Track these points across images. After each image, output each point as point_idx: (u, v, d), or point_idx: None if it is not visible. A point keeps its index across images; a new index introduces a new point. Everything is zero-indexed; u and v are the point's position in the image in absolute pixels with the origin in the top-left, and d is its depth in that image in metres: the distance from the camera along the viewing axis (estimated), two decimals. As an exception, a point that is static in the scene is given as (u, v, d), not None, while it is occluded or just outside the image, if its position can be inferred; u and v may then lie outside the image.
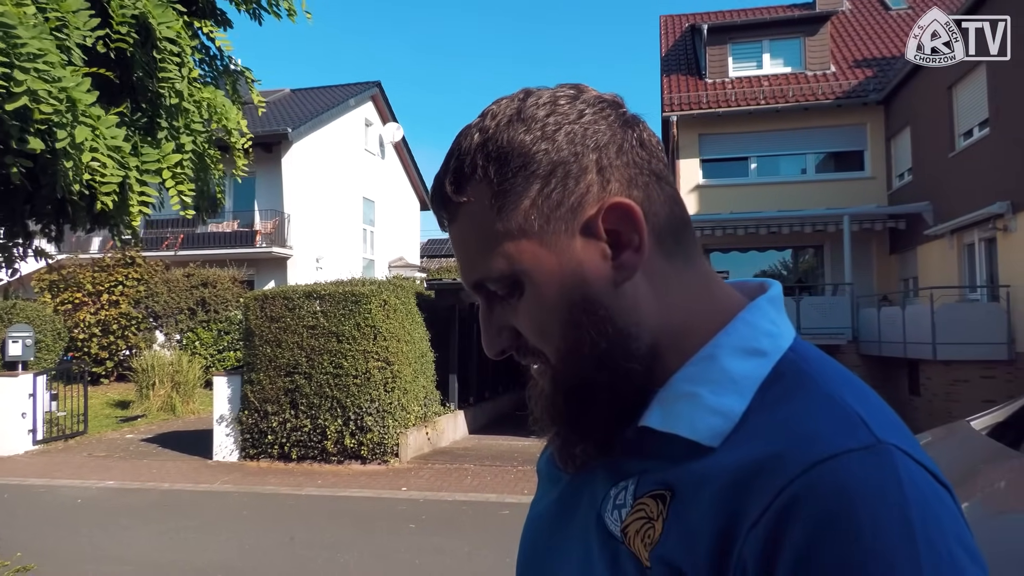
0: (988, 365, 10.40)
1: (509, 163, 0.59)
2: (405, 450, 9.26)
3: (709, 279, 0.64)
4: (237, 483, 8.32)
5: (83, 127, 1.87)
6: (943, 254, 13.05)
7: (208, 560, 5.56)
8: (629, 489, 0.58)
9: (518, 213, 0.59)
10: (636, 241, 0.59)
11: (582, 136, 0.59)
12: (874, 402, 0.55)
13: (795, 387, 0.56)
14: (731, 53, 17.15)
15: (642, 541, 0.55)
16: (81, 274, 16.27)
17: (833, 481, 0.48)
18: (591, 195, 0.59)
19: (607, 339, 0.58)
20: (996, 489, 2.35)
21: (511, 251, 0.59)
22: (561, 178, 0.58)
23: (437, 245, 35.35)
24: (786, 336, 0.60)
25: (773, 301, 0.63)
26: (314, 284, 9.90)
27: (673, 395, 0.58)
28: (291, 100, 22.46)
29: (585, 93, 0.62)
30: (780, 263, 17.04)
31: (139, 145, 2.33)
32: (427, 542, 6.00)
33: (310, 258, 19.66)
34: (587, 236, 0.59)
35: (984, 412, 2.70)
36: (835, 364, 0.60)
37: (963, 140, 12.30)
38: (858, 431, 0.51)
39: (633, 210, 0.58)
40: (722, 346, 0.59)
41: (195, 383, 14.01)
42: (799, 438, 0.51)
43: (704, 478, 0.54)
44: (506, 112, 0.61)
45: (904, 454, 0.50)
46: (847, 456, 0.49)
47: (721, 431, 0.55)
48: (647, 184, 0.60)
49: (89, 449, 10.64)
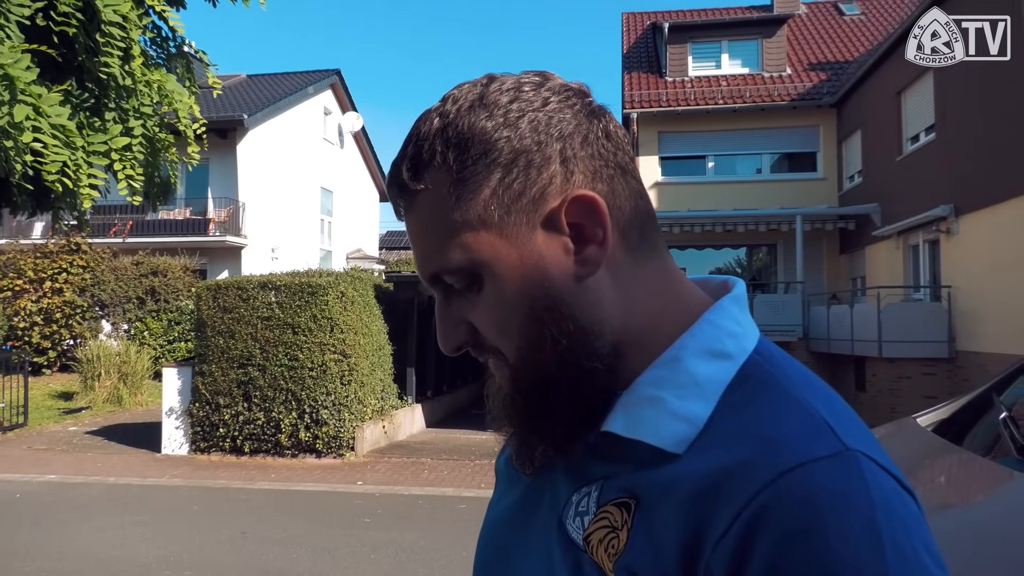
0: (930, 362, 10.80)
1: (469, 150, 0.56)
2: (361, 444, 9.17)
3: (673, 276, 0.62)
4: (187, 477, 8.11)
5: (23, 105, 1.77)
6: (890, 255, 13.48)
7: (154, 555, 5.41)
8: (592, 496, 0.57)
9: (477, 203, 0.56)
10: (600, 235, 0.56)
11: (546, 124, 0.57)
12: (839, 406, 0.55)
13: (760, 390, 0.55)
14: (691, 52, 17.37)
15: (606, 551, 0.54)
16: (22, 260, 15.63)
17: (802, 490, 0.47)
18: (554, 186, 0.56)
19: (568, 336, 0.56)
20: (937, 484, 2.43)
21: (470, 242, 0.57)
22: (523, 167, 0.56)
23: (396, 237, 35.03)
24: (751, 336, 0.59)
25: (737, 300, 0.62)
26: (269, 275, 9.70)
27: (637, 399, 0.57)
28: (248, 85, 21.94)
29: (550, 81, 0.60)
30: (735, 261, 17.38)
31: (84, 126, 2.23)
32: (383, 536, 5.95)
33: (265, 248, 19.27)
34: (549, 229, 0.56)
35: (930, 408, 2.79)
36: (798, 366, 0.59)
37: (910, 144, 12.70)
38: (825, 437, 0.50)
39: (597, 203, 0.56)
40: (687, 348, 0.57)
41: (143, 374, 13.60)
42: (766, 445, 0.50)
43: (670, 486, 0.52)
44: (468, 97, 0.58)
45: (870, 460, 0.50)
46: (815, 464, 0.48)
47: (686, 437, 0.54)
48: (612, 177, 0.58)
49: (29, 442, 10.24)
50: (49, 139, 1.87)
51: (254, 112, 18.58)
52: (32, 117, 1.85)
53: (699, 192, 16.42)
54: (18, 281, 15.40)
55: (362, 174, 26.30)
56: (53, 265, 15.67)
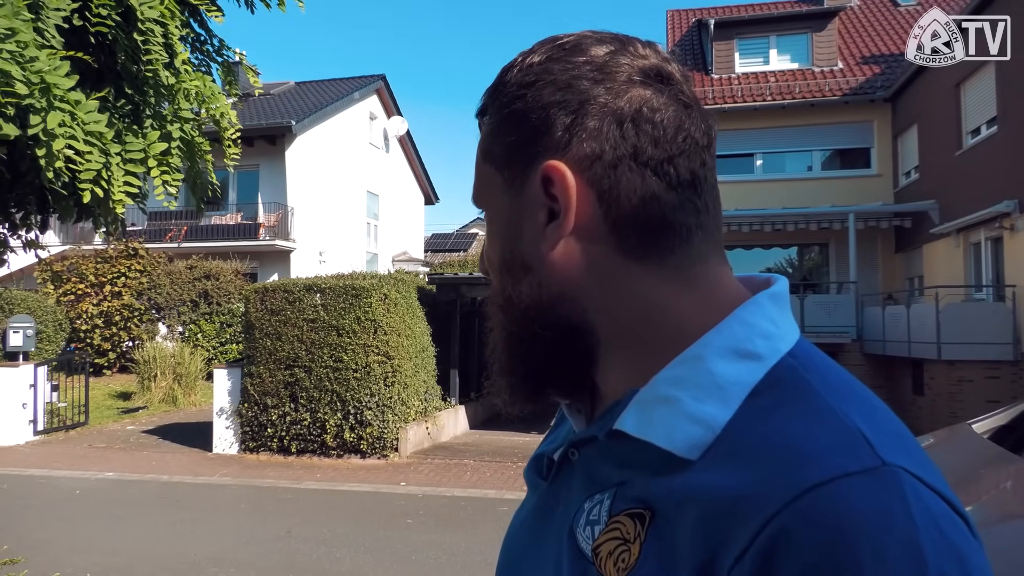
0: (993, 365, 10.32)
1: (498, 99, 0.59)
2: (405, 445, 9.24)
3: (706, 279, 0.56)
4: (236, 476, 8.30)
5: (57, 112, 1.82)
6: (949, 253, 12.95)
7: (202, 553, 5.54)
8: (604, 504, 0.53)
9: (494, 147, 0.59)
10: (561, 215, 0.55)
11: (564, 91, 0.55)
12: (882, 418, 0.49)
13: (790, 397, 0.49)
14: (738, 48, 17.02)
15: (615, 564, 0.50)
16: (84, 265, 16.28)
17: (829, 511, 0.41)
18: (548, 153, 0.55)
19: (527, 298, 0.58)
20: (998, 494, 2.29)
21: (481, 179, 0.61)
22: (529, 126, 0.56)
23: (441, 240, 35.31)
24: (787, 338, 0.54)
25: (775, 298, 0.56)
26: (315, 277, 9.87)
27: (652, 398, 0.53)
28: (295, 93, 22.42)
29: (615, 53, 0.56)
30: (785, 261, 16.95)
31: (123, 133, 2.27)
32: (424, 537, 5.97)
33: (313, 251, 19.64)
34: (532, 192, 0.56)
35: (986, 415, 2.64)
36: (842, 372, 0.53)
37: (970, 138, 12.18)
38: (859, 451, 0.44)
39: (562, 179, 0.54)
40: (710, 346, 0.52)
41: (197, 375, 14.01)
42: (790, 458, 0.45)
43: (685, 499, 0.48)
44: (542, 50, 0.59)
45: (914, 478, 0.43)
46: (845, 480, 0.42)
47: (700, 442, 0.49)
48: (616, 165, 0.53)
49: (90, 440, 10.64)
50: (83, 146, 1.92)
51: (302, 118, 18.96)
52: (67, 123, 1.90)
53: (747, 191, 16.05)
54: (80, 285, 16.04)
55: (407, 177, 26.58)
56: (112, 270, 16.28)
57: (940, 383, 10.86)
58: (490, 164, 0.60)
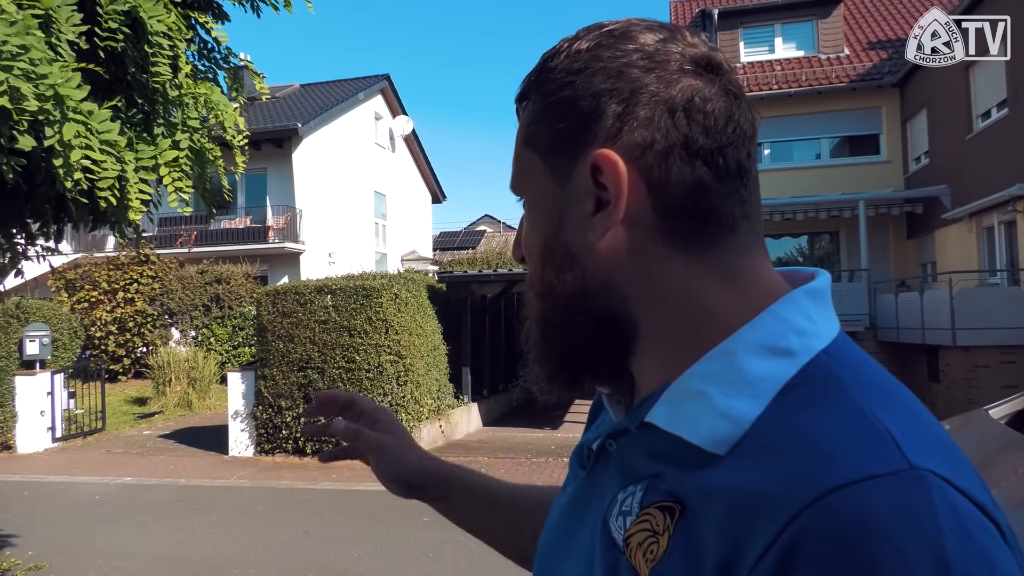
0: (1008, 350, 10.23)
1: (543, 86, 0.59)
2: (419, 443, 9.23)
3: (746, 273, 0.56)
4: (252, 478, 8.37)
5: (71, 123, 1.84)
6: (961, 238, 12.85)
7: (222, 555, 5.59)
8: (636, 496, 0.53)
9: (539, 132, 0.59)
10: (610, 204, 0.54)
11: (615, 79, 0.55)
12: (916, 420, 0.48)
13: (821, 395, 0.49)
14: (742, 38, 16.94)
15: (644, 555, 0.50)
16: (97, 272, 16.41)
17: (849, 513, 0.41)
18: (597, 141, 0.55)
19: (566, 286, 0.58)
20: (1016, 479, 2.28)
21: (521, 164, 0.61)
22: (577, 113, 0.56)
23: (449, 238, 35.35)
24: (823, 335, 0.53)
25: (813, 294, 0.55)
26: (325, 279, 9.91)
27: (683, 392, 0.53)
28: (301, 95, 22.48)
29: (665, 41, 0.56)
30: (796, 250, 16.87)
31: (134, 141, 2.30)
32: (441, 535, 5.99)
33: (323, 253, 19.71)
34: (580, 180, 0.56)
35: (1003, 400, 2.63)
36: (878, 371, 0.52)
37: (981, 121, 12.07)
38: (886, 453, 0.43)
39: (615, 168, 0.53)
40: (743, 341, 0.52)
41: (211, 379, 14.11)
42: (814, 458, 0.44)
43: (712, 495, 0.48)
44: (590, 37, 0.58)
45: (943, 481, 0.42)
46: (869, 483, 0.42)
47: (727, 437, 0.49)
48: (667, 154, 0.53)
49: (107, 446, 10.75)
50: (99, 155, 1.94)
51: (307, 120, 19.02)
52: (82, 134, 1.92)
53: (755, 181, 15.97)
54: (94, 292, 16.18)
55: (414, 176, 26.62)
56: (125, 276, 16.40)
57: (956, 369, 10.79)
58: (533, 151, 0.59)
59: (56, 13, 1.84)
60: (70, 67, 1.94)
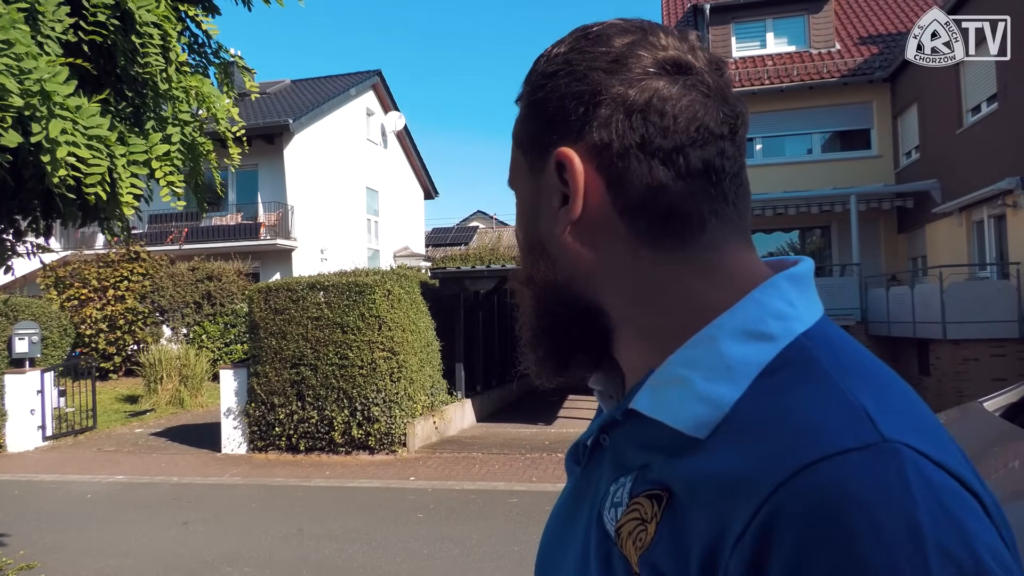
0: (998, 343, 10.30)
1: (527, 87, 0.62)
2: (413, 440, 9.26)
3: (723, 264, 0.56)
4: (246, 475, 8.33)
5: (58, 120, 1.81)
6: (952, 232, 12.91)
7: (215, 553, 5.57)
8: (626, 487, 0.55)
9: (523, 131, 0.62)
10: (570, 201, 0.58)
11: (579, 82, 0.57)
12: (895, 396, 0.49)
13: (800, 377, 0.49)
14: (734, 33, 16.94)
15: (633, 544, 0.51)
16: (86, 270, 16.29)
17: (822, 487, 0.42)
18: (564, 140, 0.58)
19: (543, 275, 0.61)
20: (1010, 470, 2.29)
21: (513, 158, 0.65)
22: (548, 114, 0.59)
23: (442, 234, 35.28)
24: (803, 319, 0.54)
25: (795, 279, 0.56)
26: (318, 275, 9.87)
27: (665, 378, 0.54)
28: (292, 91, 22.35)
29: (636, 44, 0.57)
30: (787, 245, 16.91)
31: (125, 135, 2.27)
32: (435, 531, 5.99)
33: (314, 249, 19.63)
34: (550, 177, 0.59)
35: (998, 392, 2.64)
36: (859, 352, 0.53)
37: (971, 116, 12.13)
38: (859, 428, 0.44)
39: (570, 166, 0.56)
40: (723, 327, 0.53)
41: (203, 376, 14.04)
42: (789, 437, 0.45)
43: (696, 479, 0.49)
44: (569, 40, 0.61)
45: (917, 454, 0.43)
46: (841, 458, 0.43)
47: (707, 421, 0.50)
48: (625, 155, 0.55)
49: (99, 444, 10.68)
50: (85, 152, 1.91)
51: (299, 116, 18.91)
52: (69, 131, 1.89)
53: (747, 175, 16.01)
54: (83, 290, 16.05)
55: (406, 173, 26.54)
56: (115, 274, 16.29)
57: (946, 362, 10.85)
58: (518, 149, 0.64)
59: (42, 7, 1.81)
60: (57, 62, 1.92)
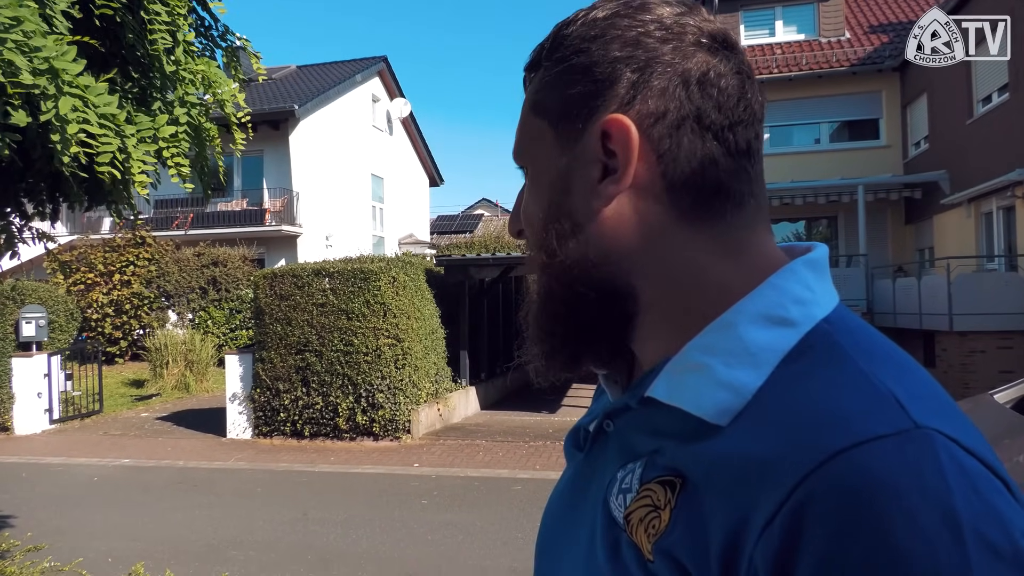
0: (1005, 335, 10.26)
1: (557, 52, 0.58)
2: (417, 426, 9.28)
3: (748, 247, 0.56)
4: (251, 460, 8.37)
5: (67, 98, 1.80)
6: (960, 223, 12.84)
7: (221, 537, 5.60)
8: (636, 473, 0.53)
9: (551, 97, 0.58)
10: (618, 170, 0.54)
11: (632, 48, 0.55)
12: (919, 381, 0.48)
13: (823, 362, 0.48)
14: (743, 20, 16.78)
15: (645, 531, 0.50)
16: (92, 254, 16.33)
17: (856, 474, 0.41)
18: (608, 108, 0.55)
19: (569, 254, 0.57)
20: (1011, 465, 2.28)
21: (529, 128, 0.60)
22: (592, 80, 0.55)
23: (447, 221, 35.24)
24: (823, 304, 0.53)
25: (812, 264, 0.55)
26: (323, 262, 9.87)
27: (683, 365, 0.53)
28: (297, 77, 22.28)
29: (682, 14, 0.56)
30: (793, 235, 16.84)
31: (132, 115, 2.26)
32: (439, 518, 6.01)
33: (320, 236, 19.63)
34: (588, 146, 0.56)
35: (1009, 385, 2.62)
36: (878, 337, 0.52)
37: (981, 106, 12.02)
38: (891, 414, 0.43)
39: (627, 134, 0.53)
40: (743, 312, 0.52)
41: (208, 361, 14.09)
42: (818, 423, 0.44)
43: (715, 465, 0.48)
44: (608, 6, 0.58)
45: (949, 440, 0.42)
46: (874, 444, 0.41)
47: (729, 408, 0.49)
48: (680, 126, 0.53)
49: (105, 428, 10.74)
50: (96, 129, 1.90)
51: (304, 102, 18.85)
52: (80, 108, 1.88)
53: (754, 165, 15.91)
54: (90, 275, 16.10)
55: (411, 159, 26.48)
56: (121, 258, 16.33)
57: (952, 354, 10.82)
58: (541, 117, 0.59)
59: (50, -17, 1.80)
60: (65, 40, 1.90)
